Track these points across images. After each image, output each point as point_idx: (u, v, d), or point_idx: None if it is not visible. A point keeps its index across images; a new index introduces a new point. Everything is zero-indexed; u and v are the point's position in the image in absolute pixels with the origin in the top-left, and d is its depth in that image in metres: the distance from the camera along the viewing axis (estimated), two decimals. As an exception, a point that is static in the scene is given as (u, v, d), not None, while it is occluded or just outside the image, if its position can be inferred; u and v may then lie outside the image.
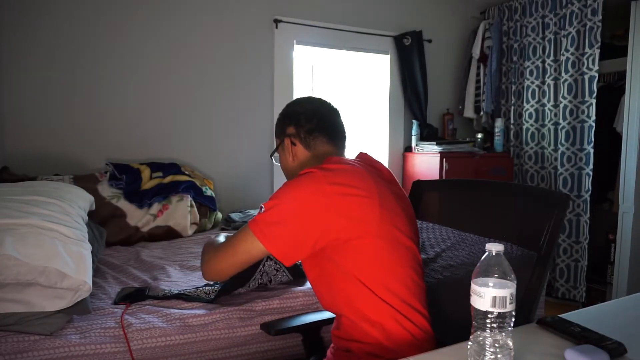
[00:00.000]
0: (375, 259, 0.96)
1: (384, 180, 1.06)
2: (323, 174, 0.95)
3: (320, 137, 1.12)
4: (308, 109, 1.14)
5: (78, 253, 1.31)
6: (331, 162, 1.01)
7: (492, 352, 0.68)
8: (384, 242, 0.96)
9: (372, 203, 0.95)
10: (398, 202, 1.03)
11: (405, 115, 3.44)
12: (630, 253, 2.71)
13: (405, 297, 0.98)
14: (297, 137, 1.13)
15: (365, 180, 0.98)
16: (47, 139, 2.45)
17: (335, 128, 1.16)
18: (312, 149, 1.12)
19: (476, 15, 3.61)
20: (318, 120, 1.12)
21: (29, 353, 1.17)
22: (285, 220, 0.93)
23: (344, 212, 0.93)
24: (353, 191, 0.95)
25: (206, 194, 2.54)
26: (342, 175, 0.96)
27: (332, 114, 1.17)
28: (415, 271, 1.02)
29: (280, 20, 2.92)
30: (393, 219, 0.98)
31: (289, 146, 1.14)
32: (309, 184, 0.94)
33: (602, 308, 1.02)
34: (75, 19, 2.47)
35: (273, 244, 0.93)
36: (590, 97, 2.84)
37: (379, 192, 0.98)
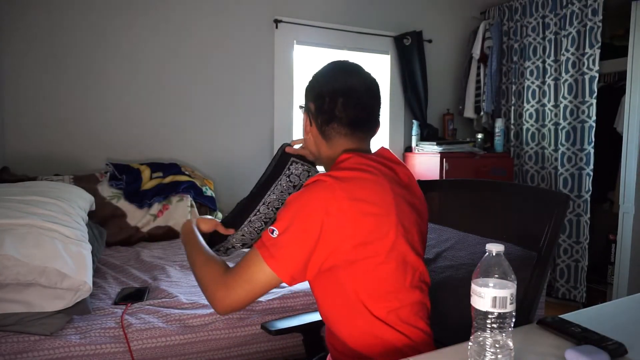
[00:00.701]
0: (382, 281, 0.90)
1: (401, 188, 0.96)
2: (338, 184, 0.85)
3: (339, 128, 0.98)
4: (338, 89, 0.97)
5: (78, 253, 1.31)
6: (348, 166, 0.91)
7: (493, 353, 0.68)
8: (393, 265, 0.90)
9: (389, 223, 0.87)
10: (413, 216, 0.96)
11: (406, 115, 3.44)
12: (630, 253, 2.71)
13: (408, 319, 0.94)
14: (314, 119, 1.00)
15: (384, 193, 0.89)
16: (47, 139, 2.45)
17: (364, 120, 1.00)
18: (328, 138, 1.00)
19: (476, 16, 3.61)
20: (344, 108, 0.96)
21: (29, 353, 1.17)
22: (296, 243, 0.84)
23: (359, 233, 0.85)
24: (372, 209, 0.86)
25: (206, 194, 2.54)
26: (360, 188, 0.87)
27: (367, 101, 0.99)
28: (420, 290, 0.96)
29: (280, 20, 2.92)
30: (406, 239, 0.91)
31: (306, 121, 1.03)
32: (324, 198, 0.84)
33: (602, 308, 1.01)
34: (76, 19, 2.47)
35: (284, 270, 0.85)
36: (591, 97, 2.84)
37: (397, 208, 0.89)
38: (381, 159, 0.98)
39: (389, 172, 0.96)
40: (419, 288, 0.96)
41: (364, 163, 0.92)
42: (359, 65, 1.03)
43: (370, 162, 0.93)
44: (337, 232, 0.84)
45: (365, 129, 1.02)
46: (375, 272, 0.89)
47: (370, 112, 1.01)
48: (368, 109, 1.00)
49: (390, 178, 0.94)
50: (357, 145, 1.00)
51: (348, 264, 0.88)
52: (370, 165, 0.92)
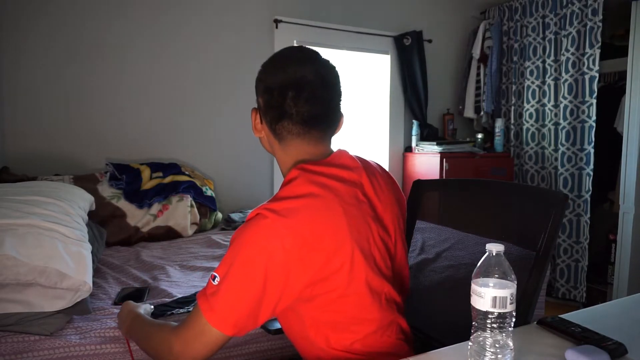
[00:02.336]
0: (341, 314, 0.85)
1: (357, 203, 0.86)
2: (279, 221, 0.76)
3: (291, 126, 0.86)
4: (287, 81, 0.84)
5: (78, 253, 1.31)
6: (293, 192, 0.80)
7: (493, 353, 0.68)
8: (353, 297, 0.83)
9: (342, 255, 0.79)
10: (374, 227, 0.87)
11: (405, 115, 3.44)
12: (630, 253, 2.71)
13: (375, 345, 0.88)
14: (264, 116, 0.90)
15: (334, 218, 0.80)
16: (47, 139, 2.45)
17: (319, 117, 0.87)
18: (280, 138, 0.89)
19: (476, 15, 3.61)
20: (295, 103, 0.84)
21: (29, 353, 1.17)
22: (237, 292, 0.77)
23: (309, 272, 0.77)
24: (319, 244, 0.77)
25: (206, 194, 2.54)
26: (305, 221, 0.77)
27: (322, 93, 0.86)
28: (390, 312, 0.90)
29: (280, 20, 2.92)
30: (366, 264, 0.83)
31: (256, 118, 0.92)
32: (264, 238, 0.76)
33: (602, 308, 1.01)
34: (76, 20, 2.47)
35: (225, 323, 0.77)
36: (591, 97, 2.84)
37: (351, 229, 0.81)
38: (335, 171, 0.86)
39: (343, 188, 0.84)
40: (387, 310, 0.89)
41: (314, 182, 0.81)
42: (314, 52, 0.89)
43: (320, 180, 0.82)
44: (282, 274, 0.76)
45: (323, 127, 0.89)
46: (334, 305, 0.83)
47: (327, 107, 0.87)
48: (324, 103, 0.86)
49: (345, 196, 0.83)
50: (313, 147, 0.89)
51: (304, 301, 0.81)
52: (321, 185, 0.81)
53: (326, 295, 0.81)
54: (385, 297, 0.90)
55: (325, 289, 0.80)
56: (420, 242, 1.57)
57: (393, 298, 0.92)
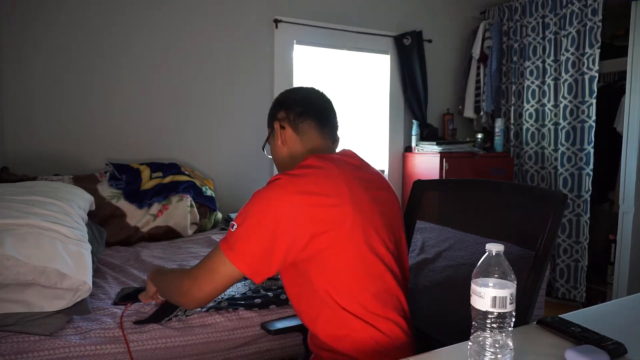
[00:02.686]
0: (342, 270, 0.94)
1: (363, 182, 1.00)
2: (290, 181, 0.92)
3: (309, 120, 1.10)
4: (299, 95, 1.14)
5: (78, 253, 1.31)
6: (303, 164, 0.97)
7: (492, 353, 0.68)
8: (353, 253, 0.93)
9: (342, 212, 0.92)
10: (375, 207, 0.99)
11: (405, 115, 3.44)
12: (630, 253, 2.71)
13: (375, 308, 0.96)
14: (286, 120, 1.11)
15: (337, 185, 0.94)
16: (47, 139, 2.45)
17: (325, 114, 1.14)
18: (301, 133, 1.10)
19: (476, 15, 3.61)
20: (308, 105, 1.11)
21: (29, 353, 1.17)
22: (252, 235, 0.90)
23: (313, 224, 0.90)
24: (322, 200, 0.91)
25: (206, 194, 2.54)
26: (311, 182, 0.93)
27: (323, 101, 1.15)
28: (388, 279, 0.99)
29: (280, 20, 2.92)
30: (365, 227, 0.94)
31: (278, 130, 1.12)
32: (276, 194, 0.91)
33: (602, 308, 1.01)
34: (76, 20, 2.47)
35: (242, 261, 0.90)
36: (591, 97, 2.84)
37: (352, 198, 0.94)
38: (344, 158, 1.05)
39: (347, 166, 1.01)
40: (385, 276, 0.98)
41: (320, 160, 0.98)
42: (314, 88, 1.19)
43: (325, 160, 0.98)
44: (291, 224, 0.88)
45: (332, 126, 1.14)
46: (336, 261, 0.93)
47: (330, 112, 1.15)
48: (328, 108, 1.15)
49: (349, 174, 0.98)
50: (324, 142, 1.11)
51: (310, 255, 0.92)
52: (326, 161, 0.98)
53: (328, 251, 0.91)
54: (388, 265, 0.98)
55: (326, 243, 0.90)
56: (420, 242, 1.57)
57: (393, 269, 1.00)
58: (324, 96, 1.17)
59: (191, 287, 0.95)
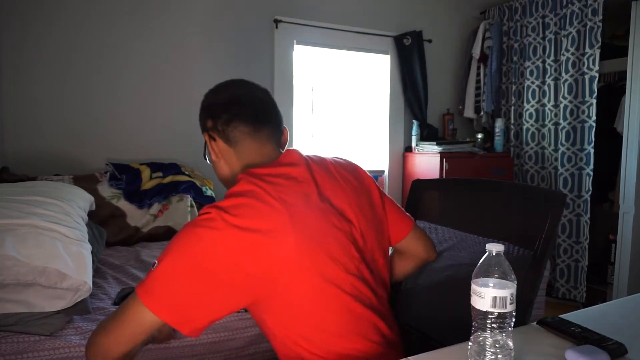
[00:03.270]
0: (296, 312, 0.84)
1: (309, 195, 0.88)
2: (221, 216, 0.78)
3: (240, 126, 0.93)
4: (223, 96, 0.98)
5: (78, 253, 1.31)
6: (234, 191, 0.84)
7: (493, 353, 0.68)
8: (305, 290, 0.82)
9: (284, 245, 0.79)
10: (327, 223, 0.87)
11: (405, 115, 3.44)
12: (630, 253, 2.71)
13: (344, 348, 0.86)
14: (214, 130, 0.96)
15: (273, 213, 0.81)
16: (47, 139, 2.45)
17: (260, 113, 0.96)
18: (234, 143, 0.94)
19: (476, 15, 3.61)
20: (235, 107, 0.94)
21: (29, 353, 1.17)
22: (175, 278, 0.76)
23: (251, 265, 0.78)
24: (258, 237, 0.78)
25: (206, 194, 2.54)
26: (245, 215, 0.79)
27: (255, 97, 0.97)
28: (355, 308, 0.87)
29: (280, 20, 2.92)
30: (315, 256, 0.83)
31: (209, 142, 0.99)
32: (205, 233, 0.78)
33: (602, 308, 1.01)
34: (76, 20, 2.47)
35: (162, 308, 0.76)
36: (591, 97, 2.84)
37: (294, 224, 0.81)
38: (282, 170, 0.90)
39: (288, 183, 0.87)
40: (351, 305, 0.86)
41: (252, 184, 0.84)
42: (243, 80, 1.04)
43: (259, 183, 0.84)
44: (223, 267, 0.77)
45: (270, 126, 0.97)
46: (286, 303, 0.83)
47: (266, 107, 0.98)
48: (263, 104, 0.98)
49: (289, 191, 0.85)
50: (263, 149, 0.95)
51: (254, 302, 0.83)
52: (260, 183, 0.84)
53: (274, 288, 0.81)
54: (351, 291, 0.87)
55: (271, 284, 0.80)
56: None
57: (363, 293, 0.89)
58: (255, 89, 0.99)
59: (106, 343, 0.77)
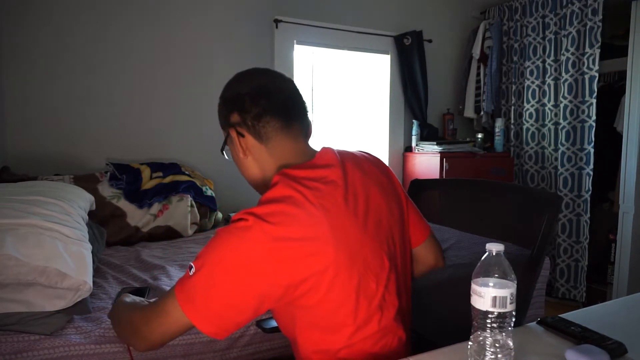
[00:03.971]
0: (326, 318, 0.83)
1: (346, 199, 0.84)
2: (259, 225, 0.75)
3: (273, 121, 0.88)
4: (253, 87, 0.90)
5: (78, 253, 1.31)
6: (271, 197, 0.80)
7: (493, 352, 0.68)
8: (335, 303, 0.81)
9: (323, 258, 0.77)
10: (363, 230, 0.84)
11: (405, 115, 3.44)
12: (630, 253, 2.71)
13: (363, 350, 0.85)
14: (244, 125, 0.89)
15: (313, 222, 0.78)
16: (47, 139, 2.45)
17: (291, 105, 0.91)
18: (266, 139, 0.89)
19: (476, 15, 3.61)
20: (267, 100, 0.88)
21: (29, 353, 1.17)
22: (214, 290, 0.76)
23: (288, 275, 0.76)
24: (299, 247, 0.76)
25: (206, 194, 2.54)
26: (285, 224, 0.76)
27: (285, 88, 0.92)
28: (385, 319, 0.86)
29: (280, 20, 2.92)
30: (352, 268, 0.81)
31: (236, 139, 0.91)
32: (243, 243, 0.75)
33: (602, 308, 1.01)
34: (76, 20, 2.47)
35: (201, 319, 0.77)
36: (591, 97, 2.84)
37: (334, 233, 0.79)
38: (319, 172, 0.85)
39: (327, 189, 0.83)
40: (381, 317, 0.85)
41: (291, 188, 0.80)
42: (267, 69, 0.97)
43: (297, 187, 0.80)
44: (261, 279, 0.75)
45: (299, 118, 0.92)
46: (320, 308, 0.80)
47: (295, 99, 0.93)
48: (293, 95, 0.93)
49: (328, 197, 0.82)
50: (297, 145, 0.91)
51: (288, 303, 0.81)
52: (298, 188, 0.80)
53: (311, 297, 0.79)
54: (380, 303, 0.85)
55: (304, 291, 0.78)
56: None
57: (390, 303, 0.87)
58: (282, 78, 0.93)
59: (141, 327, 0.83)
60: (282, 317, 0.90)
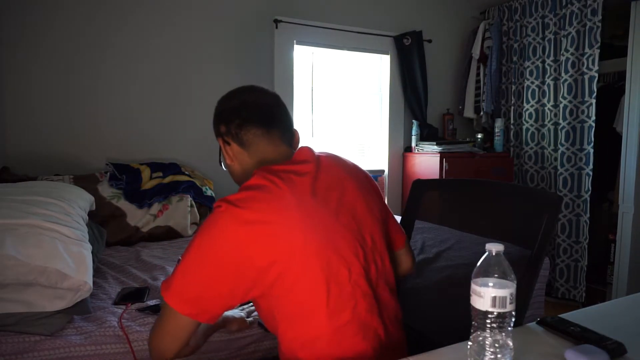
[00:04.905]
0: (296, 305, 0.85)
1: (320, 194, 0.90)
2: (230, 210, 0.83)
3: (253, 129, 0.98)
4: (234, 102, 1.01)
5: (78, 253, 1.31)
6: (246, 184, 0.88)
7: (492, 352, 0.68)
8: (309, 283, 0.84)
9: (290, 240, 0.82)
10: (337, 221, 0.89)
11: (405, 115, 3.44)
12: (630, 253, 2.71)
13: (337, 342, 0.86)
14: (228, 134, 0.99)
15: (282, 208, 0.84)
16: (47, 139, 2.45)
17: (269, 116, 1.00)
18: (247, 145, 0.99)
19: (476, 15, 3.61)
20: (246, 111, 0.98)
21: (29, 353, 1.17)
22: (191, 272, 0.82)
23: (260, 256, 0.81)
24: (266, 229, 0.82)
25: (206, 194, 2.55)
26: (254, 208, 0.83)
27: (264, 101, 1.01)
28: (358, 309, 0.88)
29: (280, 20, 2.92)
30: (322, 253, 0.84)
31: (223, 147, 1.02)
32: (216, 227, 0.83)
33: (602, 308, 1.02)
34: (76, 20, 2.47)
35: (179, 301, 0.82)
36: (590, 97, 2.84)
37: (303, 220, 0.84)
38: (294, 167, 0.93)
39: (298, 180, 0.90)
40: (350, 303, 0.87)
41: (264, 178, 0.87)
42: (253, 86, 1.06)
43: (271, 177, 0.87)
44: (234, 260, 0.81)
45: (280, 127, 1.01)
46: (293, 294, 0.84)
47: (274, 111, 1.02)
48: (271, 107, 1.02)
49: (300, 187, 0.88)
50: (276, 148, 0.99)
51: (265, 293, 0.85)
52: (272, 178, 0.87)
53: (282, 283, 0.83)
54: (353, 289, 0.87)
55: (278, 277, 0.82)
56: (420, 242, 1.57)
57: (367, 294, 0.89)
58: (264, 94, 1.03)
59: (160, 345, 0.87)
60: (264, 313, 0.94)
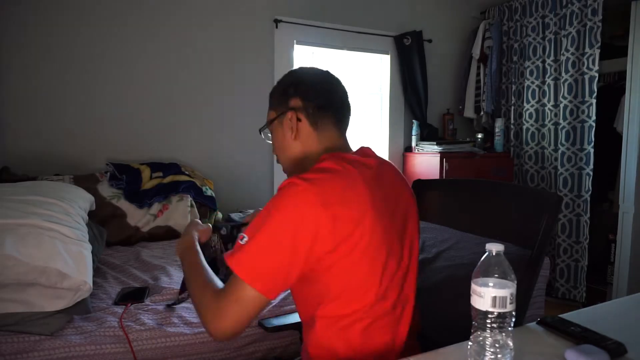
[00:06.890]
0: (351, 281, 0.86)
1: (380, 188, 0.91)
2: (309, 188, 0.81)
3: (330, 115, 0.97)
4: (317, 82, 0.99)
5: (78, 253, 1.31)
6: (321, 167, 0.87)
7: (492, 352, 0.68)
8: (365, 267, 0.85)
9: (361, 228, 0.83)
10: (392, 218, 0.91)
11: (405, 115, 3.44)
12: (630, 253, 2.71)
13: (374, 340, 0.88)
14: (303, 111, 0.96)
15: (358, 194, 0.85)
16: (47, 139, 2.45)
17: (344, 108, 1.02)
18: (320, 129, 0.97)
19: (476, 15, 3.61)
20: (330, 96, 0.99)
21: (29, 353, 1.17)
22: (266, 251, 0.80)
23: (333, 238, 0.81)
24: (344, 213, 0.81)
25: (206, 194, 2.55)
26: (333, 191, 0.82)
27: (343, 92, 1.03)
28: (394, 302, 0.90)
29: (280, 20, 2.92)
30: (381, 246, 0.86)
31: (292, 121, 0.96)
32: (294, 205, 0.80)
33: (602, 308, 1.02)
34: (75, 20, 2.47)
35: (257, 280, 0.79)
36: (591, 97, 2.84)
37: (374, 209, 0.85)
38: (360, 158, 0.94)
39: (367, 171, 0.90)
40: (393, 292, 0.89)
41: (339, 163, 0.87)
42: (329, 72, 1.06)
43: (344, 163, 0.88)
44: (311, 235, 0.79)
45: (346, 118, 1.04)
46: (349, 272, 0.84)
47: (348, 108, 1.05)
48: (345, 97, 1.04)
49: (368, 178, 0.89)
50: (341, 141, 1.01)
51: (324, 269, 0.84)
52: (345, 164, 0.87)
53: (343, 264, 0.83)
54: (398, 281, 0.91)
55: (342, 254, 0.82)
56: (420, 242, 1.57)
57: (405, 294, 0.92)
58: (342, 85, 1.04)
59: (217, 320, 0.81)
60: (306, 290, 0.91)
